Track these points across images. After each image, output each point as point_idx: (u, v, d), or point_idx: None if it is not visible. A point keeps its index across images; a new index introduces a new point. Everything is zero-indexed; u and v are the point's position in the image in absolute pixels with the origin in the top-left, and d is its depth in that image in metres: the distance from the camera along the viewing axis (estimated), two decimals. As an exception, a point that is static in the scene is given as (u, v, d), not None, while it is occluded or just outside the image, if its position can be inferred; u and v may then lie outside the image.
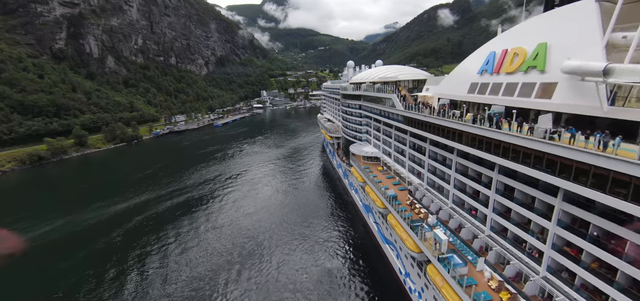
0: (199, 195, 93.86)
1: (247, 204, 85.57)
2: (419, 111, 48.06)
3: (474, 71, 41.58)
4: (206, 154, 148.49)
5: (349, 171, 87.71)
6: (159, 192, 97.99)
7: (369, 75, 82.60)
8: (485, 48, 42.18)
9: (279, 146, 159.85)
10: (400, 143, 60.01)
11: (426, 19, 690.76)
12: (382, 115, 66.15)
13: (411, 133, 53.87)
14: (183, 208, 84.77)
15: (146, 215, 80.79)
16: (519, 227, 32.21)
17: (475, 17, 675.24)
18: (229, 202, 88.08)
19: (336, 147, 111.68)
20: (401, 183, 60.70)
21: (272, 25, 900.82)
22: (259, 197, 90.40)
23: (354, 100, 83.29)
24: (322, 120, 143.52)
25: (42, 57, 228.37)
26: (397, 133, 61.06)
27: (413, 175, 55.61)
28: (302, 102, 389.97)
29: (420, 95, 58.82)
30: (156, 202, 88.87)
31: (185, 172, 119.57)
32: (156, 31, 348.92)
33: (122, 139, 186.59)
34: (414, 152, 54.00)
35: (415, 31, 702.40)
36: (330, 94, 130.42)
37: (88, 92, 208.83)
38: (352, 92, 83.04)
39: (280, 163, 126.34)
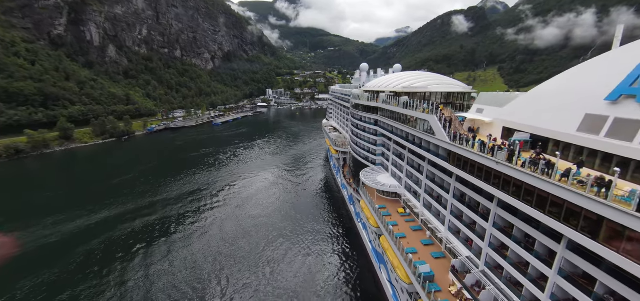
0: (173, 214, 76.68)
1: (227, 230, 68.07)
2: (484, 151, 29.35)
3: (596, 93, 23.12)
4: (197, 159, 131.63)
5: (356, 200, 69.61)
6: (127, 206, 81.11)
7: (389, 82, 64.39)
8: (619, 55, 23.70)
9: (278, 153, 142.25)
10: (436, 185, 41.55)
11: (440, 24, 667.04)
12: (409, 140, 47.85)
13: (460, 179, 35.39)
14: (149, 233, 67.69)
15: (101, 240, 63.87)
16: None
17: (490, 25, 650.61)
18: (207, 224, 70.72)
19: (342, 163, 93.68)
20: (435, 243, 42.26)
21: (283, 23, 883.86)
22: (243, 222, 72.83)
23: (368, 113, 64.99)
24: (327, 128, 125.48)
25: (39, 43, 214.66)
26: (431, 170, 42.69)
27: (458, 238, 37.16)
28: (308, 103, 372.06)
29: (468, 116, 40.53)
30: (117, 223, 71.91)
31: (167, 180, 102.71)
32: (162, 22, 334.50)
33: (112, 134, 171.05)
34: (464, 208, 35.30)
35: (428, 36, 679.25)
36: (339, 100, 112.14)
37: (82, 81, 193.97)
38: (367, 102, 64.71)
39: (276, 174, 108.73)
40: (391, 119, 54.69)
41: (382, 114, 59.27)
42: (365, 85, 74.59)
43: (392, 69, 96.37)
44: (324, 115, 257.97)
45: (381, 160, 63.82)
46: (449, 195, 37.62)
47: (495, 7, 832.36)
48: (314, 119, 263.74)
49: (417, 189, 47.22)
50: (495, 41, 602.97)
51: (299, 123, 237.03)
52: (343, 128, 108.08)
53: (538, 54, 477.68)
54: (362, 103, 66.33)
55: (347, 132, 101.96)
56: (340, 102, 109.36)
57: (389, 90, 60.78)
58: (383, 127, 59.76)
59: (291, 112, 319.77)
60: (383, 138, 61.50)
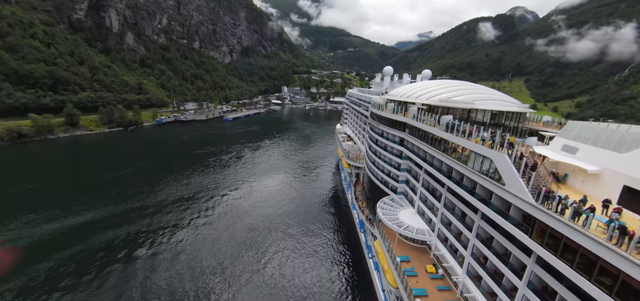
0: (156, 223, 65.69)
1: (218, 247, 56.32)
2: (622, 240, 15.44)
3: None
4: (200, 157, 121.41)
5: (370, 233, 56.35)
6: (112, 208, 70.88)
7: (419, 91, 50.58)
8: None
9: (286, 157, 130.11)
10: (496, 256, 27.39)
11: (465, 30, 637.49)
12: (452, 178, 34.02)
13: (546, 263, 21.34)
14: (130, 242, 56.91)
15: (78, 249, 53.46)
16: None
17: (518, 34, 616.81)
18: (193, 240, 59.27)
19: (354, 179, 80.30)
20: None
21: (304, 21, 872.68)
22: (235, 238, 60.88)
23: (391, 128, 51.21)
24: (340, 135, 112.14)
25: (58, 26, 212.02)
26: (488, 230, 28.73)
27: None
28: (323, 104, 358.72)
29: (548, 155, 26.46)
30: (97, 228, 61.61)
31: (163, 180, 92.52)
32: (183, 12, 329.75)
33: (119, 124, 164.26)
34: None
35: (451, 42, 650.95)
36: (355, 105, 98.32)
37: (95, 67, 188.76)
38: (391, 114, 50.95)
39: (280, 181, 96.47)
40: (424, 142, 40.85)
41: (411, 133, 45.45)
42: (389, 93, 60.84)
43: (420, 75, 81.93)
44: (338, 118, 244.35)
45: (404, 189, 50.05)
46: (520, 281, 23.71)
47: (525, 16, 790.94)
48: (327, 121, 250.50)
49: (459, 247, 33.33)
50: (523, 51, 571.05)
51: (312, 125, 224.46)
52: (358, 138, 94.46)
53: (569, 68, 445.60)
54: (384, 115, 52.61)
55: (362, 142, 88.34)
56: (357, 108, 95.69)
57: (421, 101, 46.97)
58: (411, 149, 45.92)
59: (305, 112, 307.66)
60: (409, 163, 47.68)
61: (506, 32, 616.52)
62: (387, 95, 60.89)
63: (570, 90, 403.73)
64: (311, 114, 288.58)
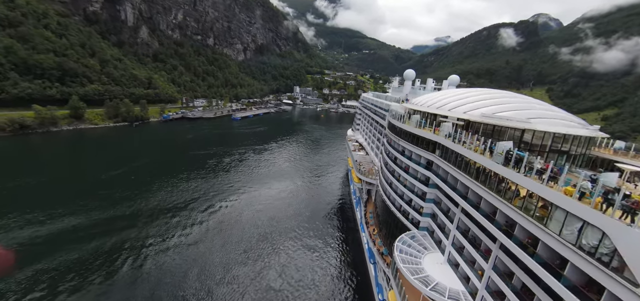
0: (143, 235, 57.02)
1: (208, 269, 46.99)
2: None
3: None
4: (201, 159, 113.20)
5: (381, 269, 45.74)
6: (98, 215, 62.68)
7: (452, 101, 39.59)
8: None
9: (292, 163, 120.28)
10: None
11: (485, 36, 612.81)
12: (514, 238, 22.77)
13: None
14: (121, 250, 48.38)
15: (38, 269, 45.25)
16: None
17: (541, 42, 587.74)
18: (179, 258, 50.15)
19: (365, 196, 69.58)
20: None
21: (320, 22, 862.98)
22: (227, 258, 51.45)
23: (415, 146, 40.19)
24: (351, 142, 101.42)
25: (74, 18, 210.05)
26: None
27: None
28: (335, 106, 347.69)
29: None
30: (77, 237, 53.47)
31: (158, 183, 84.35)
32: (199, 8, 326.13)
33: (125, 118, 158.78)
34: None
35: (470, 48, 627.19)
36: (370, 111, 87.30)
37: (105, 60, 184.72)
38: (415, 129, 39.95)
39: (283, 191, 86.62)
40: (465, 174, 29.86)
41: (445, 156, 34.44)
42: (412, 101, 49.86)
43: (446, 81, 70.34)
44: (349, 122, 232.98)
45: (429, 224, 39.05)
46: None
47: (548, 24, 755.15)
48: (338, 125, 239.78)
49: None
50: (546, 60, 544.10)
51: (322, 128, 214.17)
52: (371, 149, 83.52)
53: (595, 78, 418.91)
54: (407, 128, 41.63)
55: (376, 154, 77.42)
56: (371, 115, 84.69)
57: (456, 116, 35.94)
58: (443, 178, 34.86)
59: (316, 113, 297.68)
60: (439, 194, 36.66)
61: (528, 39, 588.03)
62: (410, 103, 49.92)
63: (596, 102, 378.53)
64: (322, 116, 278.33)
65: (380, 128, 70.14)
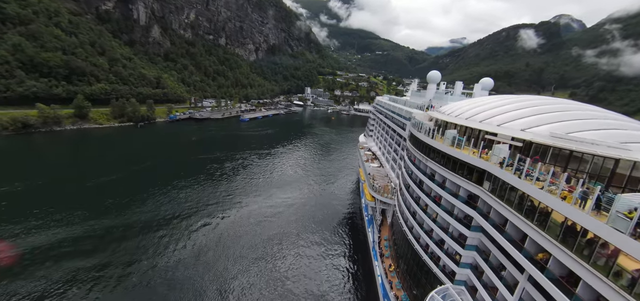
0: (133, 247, 48.97)
1: None
2: None
3: None
4: (202, 163, 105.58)
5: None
6: (87, 227, 55.26)
7: (500, 113, 29.25)
8: None
9: (299, 169, 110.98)
10: None
11: (504, 37, 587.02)
12: None
13: None
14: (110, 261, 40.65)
15: None
16: None
17: (563, 44, 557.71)
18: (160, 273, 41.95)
19: (379, 218, 59.49)
20: None
21: (333, 23, 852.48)
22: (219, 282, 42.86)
23: (451, 173, 29.81)
24: (363, 150, 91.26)
25: (86, 16, 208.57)
26: None
27: None
28: (347, 107, 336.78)
29: None
30: (66, 250, 46.11)
31: (153, 190, 76.73)
32: (211, 8, 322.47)
33: (130, 118, 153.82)
34: None
35: (488, 49, 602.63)
36: (385, 117, 76.87)
37: (114, 58, 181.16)
38: (450, 149, 29.76)
39: (285, 200, 77.42)
40: (535, 227, 19.59)
41: (498, 193, 24.11)
42: (441, 110, 39.48)
43: (477, 84, 59.45)
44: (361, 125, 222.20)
45: (469, 278, 28.72)
46: None
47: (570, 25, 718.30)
48: (350, 128, 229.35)
49: None
50: (569, 62, 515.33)
51: (333, 131, 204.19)
52: (387, 160, 73.14)
53: (623, 83, 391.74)
54: (438, 146, 31.43)
55: (392, 168, 67.13)
56: (386, 122, 74.28)
57: (513, 135, 25.60)
58: (495, 223, 24.51)
59: (327, 115, 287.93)
60: (487, 243, 26.25)
61: (550, 41, 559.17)
62: (438, 112, 39.60)
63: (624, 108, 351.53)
64: (333, 118, 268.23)
65: (398, 139, 59.95)
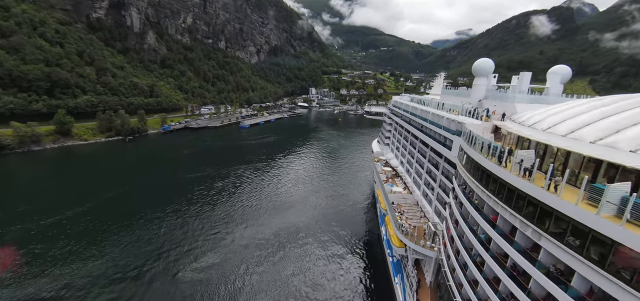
0: None
1: None
2: None
3: None
4: (190, 183, 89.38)
5: None
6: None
7: None
8: None
9: (300, 185, 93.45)
10: None
11: (514, 25, 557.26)
12: None
13: None
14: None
15: None
16: None
17: (578, 29, 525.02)
18: None
19: (413, 271, 41.60)
20: None
21: (336, 21, 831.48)
22: None
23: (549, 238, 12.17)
24: (379, 163, 73.44)
25: (76, 25, 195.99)
26: None
27: None
28: (354, 107, 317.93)
29: None
30: None
31: (111, 231, 60.91)
32: (209, 11, 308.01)
33: (119, 132, 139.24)
34: None
35: (498, 39, 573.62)
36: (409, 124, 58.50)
37: (103, 68, 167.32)
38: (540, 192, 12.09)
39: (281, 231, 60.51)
40: None
41: None
42: (519, 118, 21.64)
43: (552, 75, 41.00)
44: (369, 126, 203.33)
45: None
46: None
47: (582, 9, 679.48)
48: (358, 129, 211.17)
49: None
50: (586, 48, 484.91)
51: (340, 135, 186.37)
52: (415, 183, 54.96)
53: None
54: (518, 185, 13.81)
55: (424, 194, 49.04)
56: (412, 130, 56.15)
57: None
58: None
59: (333, 116, 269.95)
60: None
61: (564, 26, 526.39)
62: (516, 124, 21.74)
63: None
64: (340, 119, 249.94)
65: (435, 158, 42.17)
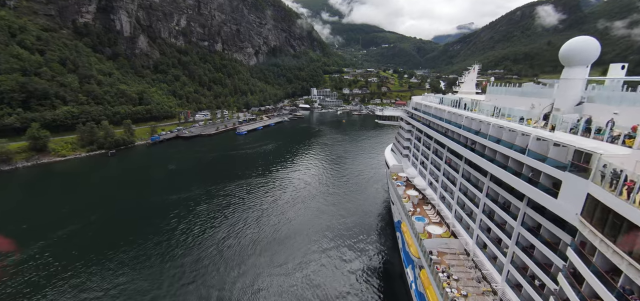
0: None
1: None
2: None
3: None
4: (166, 209, 74.50)
5: None
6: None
7: None
8: None
9: (301, 208, 78.41)
10: None
11: (519, 17, 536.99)
12: None
13: None
14: None
15: None
16: None
17: (586, 17, 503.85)
18: None
19: None
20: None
21: (335, 19, 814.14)
22: None
23: None
24: (398, 182, 58.25)
25: (61, 31, 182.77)
26: None
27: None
28: (358, 107, 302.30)
29: None
30: None
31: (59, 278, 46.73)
32: (204, 12, 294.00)
33: (102, 145, 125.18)
34: None
35: (502, 32, 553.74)
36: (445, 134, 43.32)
37: (87, 75, 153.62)
38: None
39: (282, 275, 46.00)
40: None
41: None
42: None
43: None
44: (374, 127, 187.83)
45: None
46: None
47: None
48: (364, 131, 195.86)
49: None
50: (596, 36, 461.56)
51: (345, 138, 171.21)
52: (456, 215, 39.78)
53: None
54: None
55: (473, 234, 33.75)
56: (448, 144, 40.87)
57: None
58: None
59: (337, 118, 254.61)
60: None
61: (571, 16, 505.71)
62: None
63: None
64: (343, 121, 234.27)
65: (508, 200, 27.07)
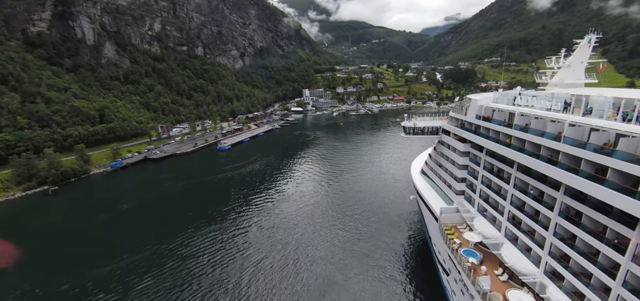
0: None
1: None
2: None
3: None
4: (91, 290, 49.62)
5: None
6: None
7: None
8: None
9: (290, 261, 53.83)
10: None
11: (510, 2, 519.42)
12: None
13: None
14: None
15: None
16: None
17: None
18: None
19: None
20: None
21: (323, 17, 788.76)
22: None
23: None
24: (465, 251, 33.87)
25: (8, 43, 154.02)
26: None
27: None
28: (354, 106, 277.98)
29: None
30: None
31: None
32: (180, 14, 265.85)
33: (43, 180, 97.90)
34: None
35: (493, 19, 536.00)
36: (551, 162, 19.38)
37: (31, 93, 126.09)
38: None
39: None
40: None
41: None
42: None
43: None
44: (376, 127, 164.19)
45: None
46: None
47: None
48: (363, 134, 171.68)
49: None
50: (590, 17, 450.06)
51: (345, 146, 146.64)
52: None
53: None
54: None
55: None
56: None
57: None
58: None
59: (333, 120, 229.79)
60: None
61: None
62: None
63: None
64: (341, 124, 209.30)
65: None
